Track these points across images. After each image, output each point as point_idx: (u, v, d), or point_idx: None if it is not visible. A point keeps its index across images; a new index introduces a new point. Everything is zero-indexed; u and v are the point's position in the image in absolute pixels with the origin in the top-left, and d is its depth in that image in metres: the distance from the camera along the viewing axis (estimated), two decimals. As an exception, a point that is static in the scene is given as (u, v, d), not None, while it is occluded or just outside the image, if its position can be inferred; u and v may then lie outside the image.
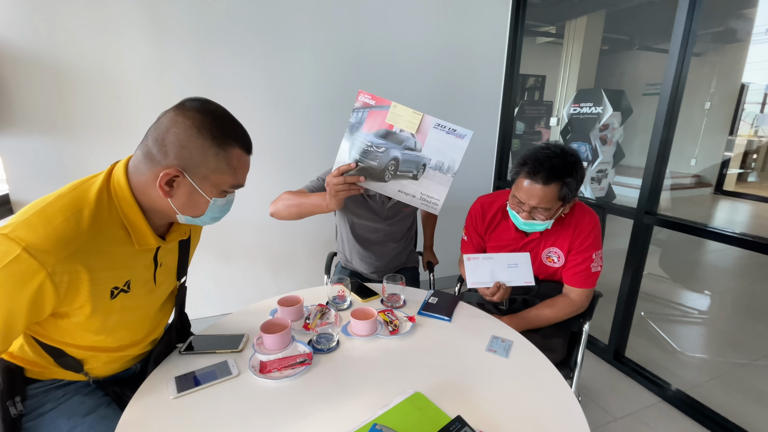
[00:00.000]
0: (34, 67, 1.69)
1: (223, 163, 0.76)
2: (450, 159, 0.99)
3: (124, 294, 0.78)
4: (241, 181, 0.81)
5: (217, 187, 0.78)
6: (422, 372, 0.90)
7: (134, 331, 0.87)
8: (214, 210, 0.81)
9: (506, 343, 1.02)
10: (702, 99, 6.03)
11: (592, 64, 5.13)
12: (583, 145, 4.54)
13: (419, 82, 2.42)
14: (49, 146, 1.78)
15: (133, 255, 0.78)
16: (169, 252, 0.89)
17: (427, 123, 0.98)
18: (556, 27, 5.83)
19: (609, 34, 5.86)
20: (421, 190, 1.02)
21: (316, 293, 1.28)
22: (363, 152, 1.01)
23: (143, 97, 1.89)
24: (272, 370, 0.88)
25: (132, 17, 1.79)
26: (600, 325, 2.29)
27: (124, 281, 0.77)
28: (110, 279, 0.74)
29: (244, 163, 0.80)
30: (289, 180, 2.27)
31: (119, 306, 0.78)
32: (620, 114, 4.47)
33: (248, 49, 2.01)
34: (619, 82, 6.80)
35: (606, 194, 4.64)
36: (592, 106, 4.52)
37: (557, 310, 1.29)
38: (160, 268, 0.87)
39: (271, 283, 2.40)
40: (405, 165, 1.00)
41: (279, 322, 0.99)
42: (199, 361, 0.92)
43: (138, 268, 0.80)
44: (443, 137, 0.98)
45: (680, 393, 1.79)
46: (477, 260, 1.24)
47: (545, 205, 1.13)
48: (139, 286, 0.81)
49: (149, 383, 0.86)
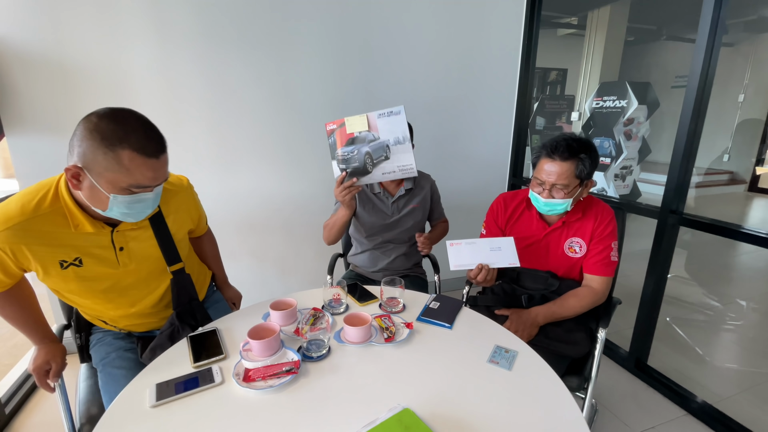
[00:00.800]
0: (41, 66, 1.71)
1: (113, 163, 0.81)
2: (400, 131, 1.25)
3: (75, 267, 0.94)
4: (139, 181, 0.85)
5: (113, 185, 0.84)
6: (416, 385, 0.84)
7: (114, 300, 1.04)
8: (119, 205, 0.87)
9: (510, 354, 0.94)
10: (735, 91, 5.70)
11: (616, 55, 4.91)
12: (606, 141, 4.34)
13: (430, 77, 2.34)
14: (57, 144, 1.80)
15: (78, 236, 0.92)
16: (133, 239, 1.00)
17: (372, 117, 1.25)
18: (578, 18, 5.61)
19: (635, 24, 5.60)
20: (395, 164, 1.28)
21: (312, 296, 1.22)
22: (344, 161, 1.30)
23: (148, 95, 1.88)
24: (256, 379, 0.83)
25: (137, 17, 1.79)
26: (621, 331, 2.17)
27: (73, 257, 0.93)
28: (53, 253, 0.90)
29: (139, 164, 0.83)
30: (294, 180, 2.24)
31: (74, 276, 0.94)
32: (646, 107, 4.25)
33: (253, 49, 1.98)
34: (646, 74, 6.50)
35: (630, 192, 4.42)
36: (616, 99, 4.32)
37: (581, 298, 1.29)
38: (123, 252, 0.99)
39: (278, 283, 2.38)
40: (376, 153, 1.28)
41: (267, 327, 0.95)
42: (185, 366, 0.89)
43: (90, 247, 0.94)
44: (387, 120, 1.24)
45: (707, 406, 1.66)
46: (459, 245, 1.24)
47: (563, 182, 1.21)
48: (94, 263, 0.96)
49: (130, 389, 0.83)
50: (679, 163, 1.67)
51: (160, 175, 0.89)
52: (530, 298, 1.36)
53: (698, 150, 1.69)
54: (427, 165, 2.39)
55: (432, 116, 2.41)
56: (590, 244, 1.32)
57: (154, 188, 0.89)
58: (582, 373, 1.27)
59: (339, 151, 1.29)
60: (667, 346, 2.18)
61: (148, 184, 0.87)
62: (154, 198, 0.92)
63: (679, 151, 1.67)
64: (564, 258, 1.35)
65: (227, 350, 0.95)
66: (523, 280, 1.43)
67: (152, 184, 0.88)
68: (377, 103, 2.26)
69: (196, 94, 1.95)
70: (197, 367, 0.89)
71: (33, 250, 0.88)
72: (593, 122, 4.45)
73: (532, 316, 1.26)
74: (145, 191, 0.88)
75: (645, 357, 1.92)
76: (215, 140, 2.02)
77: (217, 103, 1.99)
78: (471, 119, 2.53)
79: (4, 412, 1.59)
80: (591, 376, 1.25)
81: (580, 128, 4.64)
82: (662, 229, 1.75)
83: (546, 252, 1.39)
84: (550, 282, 1.37)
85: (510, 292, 1.42)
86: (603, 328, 1.26)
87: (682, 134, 1.65)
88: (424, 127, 2.41)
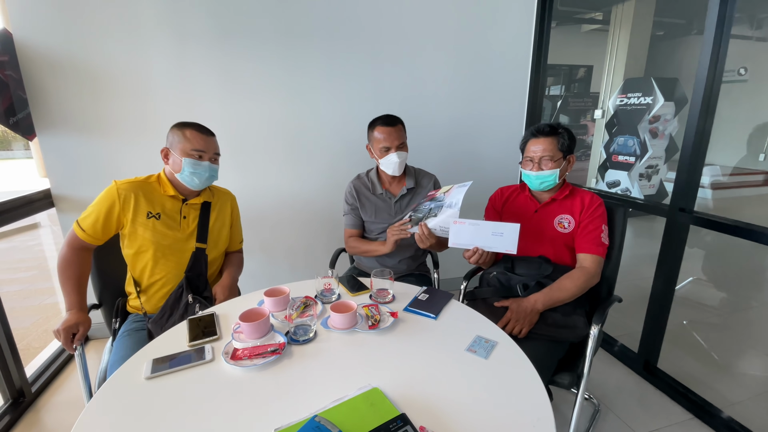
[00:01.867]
0: (69, 72, 1.85)
1: (181, 137, 1.28)
2: (455, 199, 1.34)
3: (155, 219, 1.29)
4: (195, 146, 1.28)
5: (183, 151, 1.27)
6: (391, 368, 0.87)
7: (161, 261, 1.31)
8: (187, 166, 1.27)
9: (489, 344, 0.96)
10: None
11: (642, 51, 4.74)
12: (630, 139, 4.21)
13: (439, 75, 2.36)
14: (84, 145, 1.94)
15: (164, 199, 1.32)
16: (191, 213, 1.37)
17: (454, 188, 1.39)
18: (603, 13, 5.45)
19: (662, 18, 5.39)
20: (438, 223, 1.36)
21: (307, 286, 1.28)
22: (415, 209, 1.49)
23: (166, 98, 2.00)
24: (243, 358, 0.89)
25: (157, 26, 1.90)
26: (631, 333, 2.12)
27: (156, 211, 1.30)
28: (146, 206, 1.29)
29: (196, 136, 1.29)
30: (304, 178, 2.31)
31: (151, 226, 1.28)
32: (673, 104, 4.09)
33: (266, 53, 2.07)
34: (676, 70, 6.22)
35: (657, 192, 4.26)
36: (641, 96, 4.18)
37: (575, 279, 1.33)
38: (185, 220, 1.35)
39: (288, 276, 2.46)
40: (435, 209, 1.40)
41: (258, 311, 1.01)
42: (181, 345, 0.96)
43: (167, 208, 1.32)
44: (459, 190, 1.36)
45: (715, 410, 1.61)
46: (463, 224, 1.28)
47: (549, 154, 1.38)
48: (166, 219, 1.31)
49: (131, 363, 0.91)
50: (688, 159, 1.63)
51: (210, 147, 1.31)
52: (525, 286, 1.38)
53: (730, 148, 1.64)
54: (437, 163, 2.42)
55: (442, 114, 2.43)
56: (580, 223, 1.41)
57: (207, 159, 1.30)
58: (575, 370, 1.27)
59: (421, 205, 1.49)
60: (681, 348, 2.11)
61: (201, 148, 1.28)
62: (208, 169, 1.31)
63: (687, 148, 1.63)
64: (554, 233, 1.44)
65: (221, 332, 1.02)
66: (517, 267, 1.45)
67: (204, 149, 1.29)
68: (385, 102, 2.30)
69: (212, 96, 2.05)
70: (192, 346, 0.96)
71: (137, 200, 1.27)
72: (617, 120, 4.32)
73: (531, 303, 1.28)
74: (201, 159, 1.29)
75: (654, 359, 1.87)
76: (230, 139, 2.12)
77: (232, 104, 2.09)
78: (481, 117, 2.52)
79: (30, 391, 1.73)
80: (584, 373, 1.25)
81: (604, 126, 4.52)
82: (671, 228, 1.71)
83: (538, 228, 1.46)
84: (544, 267, 1.40)
85: (505, 282, 1.43)
86: (596, 324, 1.26)
87: (691, 130, 1.61)
88: (434, 126, 2.43)
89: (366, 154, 1.70)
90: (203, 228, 1.37)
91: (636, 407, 1.70)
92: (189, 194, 1.37)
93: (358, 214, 1.71)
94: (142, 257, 1.31)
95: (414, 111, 2.33)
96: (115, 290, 1.44)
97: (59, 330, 1.13)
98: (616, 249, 1.46)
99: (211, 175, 1.33)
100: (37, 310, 2.83)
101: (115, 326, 1.37)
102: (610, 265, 1.46)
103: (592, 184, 4.36)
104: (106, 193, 1.27)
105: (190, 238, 1.35)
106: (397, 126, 1.59)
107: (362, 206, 1.69)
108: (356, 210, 1.70)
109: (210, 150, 1.31)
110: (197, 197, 1.38)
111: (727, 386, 1.84)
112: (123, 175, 2.02)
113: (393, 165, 1.58)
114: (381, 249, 1.58)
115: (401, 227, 1.45)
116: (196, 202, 1.37)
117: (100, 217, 1.25)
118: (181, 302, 1.28)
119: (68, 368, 1.98)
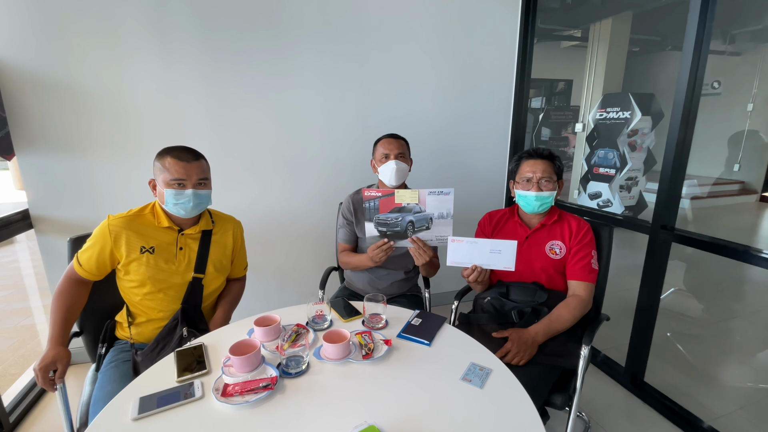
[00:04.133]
0: (50, 89, 1.80)
1: (160, 167, 1.22)
2: (446, 209, 1.39)
3: (149, 254, 1.23)
4: (174, 174, 1.20)
5: (164, 182, 1.21)
6: (387, 402, 0.86)
7: (157, 296, 1.26)
8: (169, 197, 1.21)
9: (484, 372, 0.96)
10: (744, 100, 5.63)
11: (619, 67, 4.91)
12: (610, 152, 4.33)
13: (426, 90, 2.39)
14: (65, 164, 1.89)
15: (158, 231, 1.26)
16: (189, 245, 1.30)
17: (423, 193, 1.39)
18: (581, 30, 5.64)
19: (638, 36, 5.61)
20: (434, 233, 1.42)
21: (298, 312, 1.26)
22: (384, 225, 1.43)
23: (153, 116, 1.97)
24: (234, 394, 0.87)
25: (141, 41, 1.88)
26: (618, 346, 2.15)
27: (150, 245, 1.24)
28: (139, 240, 1.23)
29: (174, 165, 1.20)
30: (293, 195, 2.29)
31: (145, 261, 1.23)
32: (650, 118, 4.23)
33: (253, 68, 2.06)
34: (651, 85, 6.47)
35: (636, 203, 4.39)
36: (619, 110, 4.31)
37: (571, 309, 1.34)
38: (182, 251, 1.28)
39: (277, 295, 2.42)
40: (418, 222, 1.42)
41: (248, 343, 0.99)
42: (168, 382, 0.93)
43: (162, 241, 1.26)
44: (436, 197, 1.38)
45: (703, 425, 1.64)
46: (461, 243, 1.31)
47: (548, 175, 1.40)
48: (161, 252, 1.25)
49: (117, 402, 0.87)
50: (669, 175, 1.67)
51: (192, 173, 1.22)
52: (520, 313, 1.39)
53: (706, 159, 1.69)
54: (423, 180, 2.43)
55: (428, 129, 2.45)
56: (570, 250, 1.43)
57: (190, 187, 1.21)
58: (567, 390, 1.27)
59: (381, 216, 1.43)
60: (665, 361, 2.16)
61: (181, 177, 1.20)
62: (192, 197, 1.22)
63: (668, 163, 1.66)
64: (546, 259, 1.45)
65: (210, 365, 0.99)
66: (512, 294, 1.45)
67: (185, 177, 1.20)
68: (372, 118, 2.31)
69: (198, 112, 2.03)
70: (180, 381, 0.93)
71: (128, 236, 1.22)
72: (597, 133, 4.44)
73: (531, 335, 1.28)
74: (183, 188, 1.21)
75: (641, 373, 1.90)
76: (217, 155, 2.08)
77: (218, 122, 2.07)
78: (467, 132, 2.56)
79: (8, 420, 1.65)
80: (575, 393, 1.26)
81: (584, 139, 4.64)
82: (654, 245, 1.75)
83: (529, 253, 1.47)
84: (539, 294, 1.41)
85: (500, 307, 1.44)
86: (586, 344, 1.27)
87: (671, 145, 1.65)
88: (420, 141, 2.45)
89: (357, 170, 1.71)
90: (202, 258, 1.31)
91: (626, 423, 1.72)
92: (185, 224, 1.30)
93: (352, 229, 1.70)
94: (138, 291, 1.26)
95: (401, 128, 2.33)
96: (99, 316, 1.38)
97: (35, 370, 1.08)
98: (603, 268, 1.48)
99: (199, 203, 1.25)
100: (13, 333, 2.70)
101: (101, 351, 1.31)
102: (598, 284, 1.48)
103: (575, 196, 4.46)
104: (99, 230, 1.23)
105: (187, 269, 1.29)
106: (400, 140, 1.63)
107: (357, 222, 1.68)
108: (351, 225, 1.70)
109: (193, 176, 1.22)
110: (194, 226, 1.31)
111: (712, 399, 1.88)
112: (105, 196, 2.01)
113: (390, 171, 1.57)
114: (367, 263, 1.56)
115: (381, 248, 1.44)
116: (193, 232, 1.30)
117: (94, 254, 1.22)
118: (175, 335, 1.23)
119: (48, 395, 1.90)
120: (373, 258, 1.46)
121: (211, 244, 1.34)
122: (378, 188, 1.55)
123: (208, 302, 1.37)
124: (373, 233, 1.45)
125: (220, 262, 1.37)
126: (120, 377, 1.17)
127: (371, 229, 1.45)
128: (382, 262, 1.48)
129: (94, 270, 1.23)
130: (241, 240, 1.48)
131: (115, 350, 1.30)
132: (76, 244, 1.34)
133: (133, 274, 1.24)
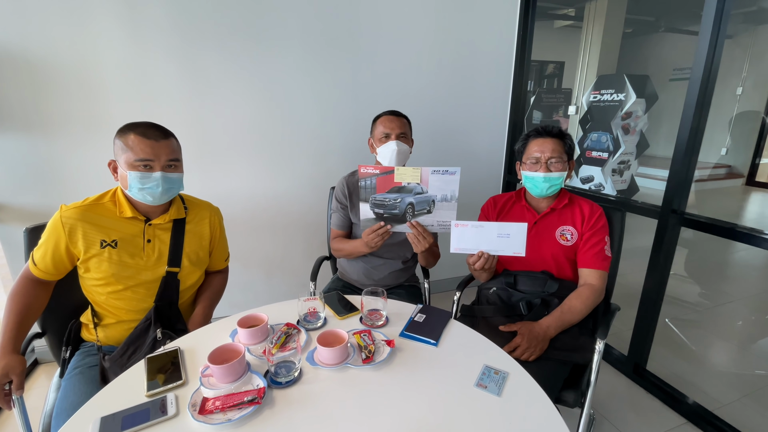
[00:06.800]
0: (5, 63, 1.60)
1: (124, 146, 1.04)
2: (450, 191, 1.24)
3: (111, 248, 1.07)
4: (140, 154, 1.03)
5: (127, 163, 1.04)
6: (393, 415, 0.75)
7: (125, 294, 1.10)
8: (134, 181, 1.04)
9: (500, 376, 0.86)
10: (733, 84, 5.62)
11: (614, 48, 4.80)
12: (603, 135, 4.24)
13: (422, 70, 2.24)
14: (24, 146, 1.69)
15: (120, 222, 1.09)
16: (159, 236, 1.14)
17: (426, 172, 1.23)
18: (575, 9, 5.49)
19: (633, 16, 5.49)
20: (435, 218, 1.28)
21: (287, 309, 1.13)
22: (381, 206, 1.28)
23: (121, 91, 1.77)
24: (214, 411, 0.74)
25: (108, 10, 1.67)
26: (619, 333, 2.09)
27: (112, 238, 1.08)
28: (98, 234, 1.07)
29: (140, 143, 1.03)
30: (280, 181, 2.13)
31: (107, 257, 1.07)
32: (644, 101, 4.15)
33: (232, 41, 1.87)
34: (644, 66, 6.40)
35: (628, 187, 4.35)
36: (614, 92, 4.21)
37: (584, 299, 1.25)
38: (150, 244, 1.13)
39: (264, 287, 2.28)
40: (419, 205, 1.27)
41: (231, 348, 0.86)
42: (137, 395, 0.80)
43: (126, 233, 1.10)
44: (440, 177, 1.23)
45: (707, 413, 1.58)
46: (465, 227, 1.18)
47: (558, 155, 1.29)
48: (125, 246, 1.09)
49: (73, 423, 0.73)
50: (681, 160, 1.58)
51: (161, 153, 1.05)
52: (529, 304, 1.29)
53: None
54: (421, 160, 2.30)
55: (425, 111, 2.31)
56: (583, 235, 1.33)
57: (158, 169, 1.05)
58: (579, 387, 1.19)
59: (377, 196, 1.28)
60: (667, 349, 2.11)
61: (148, 157, 1.03)
62: (161, 181, 1.05)
63: (681, 148, 1.58)
64: (556, 246, 1.34)
65: (187, 374, 0.86)
66: (520, 284, 1.35)
67: (152, 157, 1.04)
68: (365, 99, 2.15)
69: (173, 90, 1.84)
70: (150, 396, 0.80)
71: (85, 229, 1.06)
72: (590, 116, 4.35)
73: (543, 329, 1.18)
74: (150, 171, 1.05)
75: (644, 362, 1.85)
76: (194, 138, 1.92)
77: (195, 98, 1.89)
78: (465, 114, 2.43)
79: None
80: (588, 390, 1.17)
81: (578, 122, 4.56)
82: (663, 230, 1.67)
83: (538, 241, 1.35)
84: (549, 284, 1.31)
85: (506, 299, 1.34)
86: (601, 339, 1.18)
87: (685, 130, 1.56)
88: (417, 123, 2.30)
89: (349, 154, 1.57)
90: (175, 251, 1.15)
91: (630, 414, 1.66)
92: (152, 212, 1.13)
93: (347, 213, 1.56)
94: (101, 290, 1.10)
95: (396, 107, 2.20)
96: (63, 315, 1.23)
97: None
98: (614, 255, 1.39)
99: (169, 188, 1.08)
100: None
101: (65, 355, 1.16)
102: (609, 273, 1.39)
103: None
104: (51, 223, 1.06)
105: (158, 264, 1.13)
106: (402, 119, 1.49)
107: (352, 206, 1.54)
108: (346, 209, 1.55)
109: (161, 157, 1.05)
110: (164, 215, 1.14)
111: (715, 387, 1.84)
112: (69, 180, 1.81)
113: (390, 153, 1.43)
114: (362, 249, 1.42)
115: (376, 232, 1.30)
116: (163, 222, 1.14)
117: (48, 251, 1.06)
118: (148, 337, 1.08)
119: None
120: (368, 243, 1.33)
121: (185, 234, 1.18)
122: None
123: (185, 298, 1.22)
124: (368, 215, 1.31)
125: (196, 254, 1.21)
126: (85, 385, 1.04)
127: (366, 210, 1.30)
128: (378, 247, 1.34)
129: (51, 269, 1.08)
130: (221, 228, 1.32)
131: (80, 354, 1.15)
132: (33, 234, 1.18)
133: (95, 272, 1.08)
